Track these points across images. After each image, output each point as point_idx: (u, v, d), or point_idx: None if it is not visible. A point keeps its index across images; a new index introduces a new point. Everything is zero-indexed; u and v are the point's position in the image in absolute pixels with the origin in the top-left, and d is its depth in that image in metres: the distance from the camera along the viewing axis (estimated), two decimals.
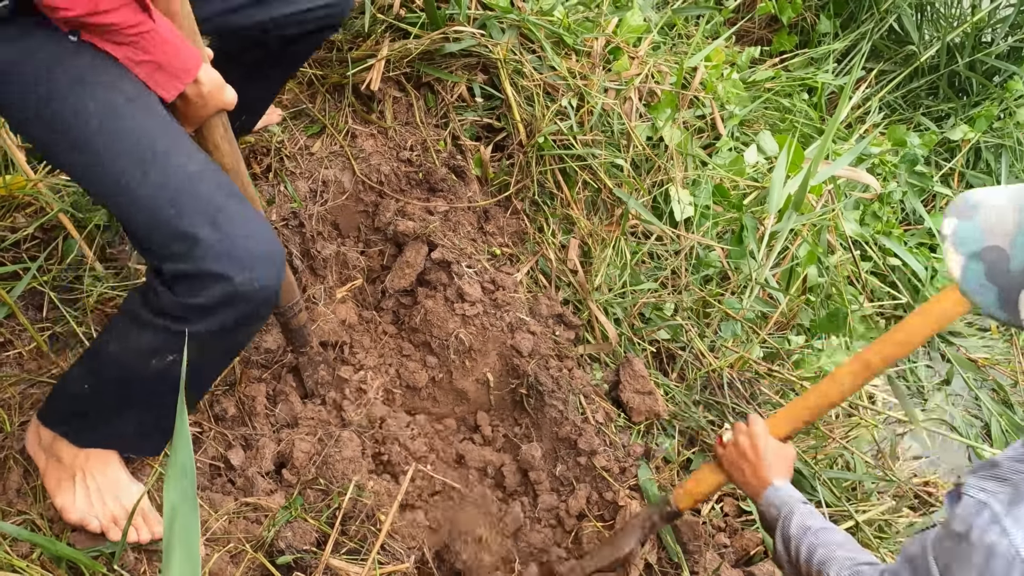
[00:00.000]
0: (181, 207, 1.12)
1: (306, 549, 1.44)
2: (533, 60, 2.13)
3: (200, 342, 1.18)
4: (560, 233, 2.10)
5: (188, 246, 1.11)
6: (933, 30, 3.42)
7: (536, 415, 1.82)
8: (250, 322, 1.21)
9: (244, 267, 1.13)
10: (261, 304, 1.18)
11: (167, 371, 1.22)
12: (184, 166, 1.14)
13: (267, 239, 1.18)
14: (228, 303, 1.14)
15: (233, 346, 1.28)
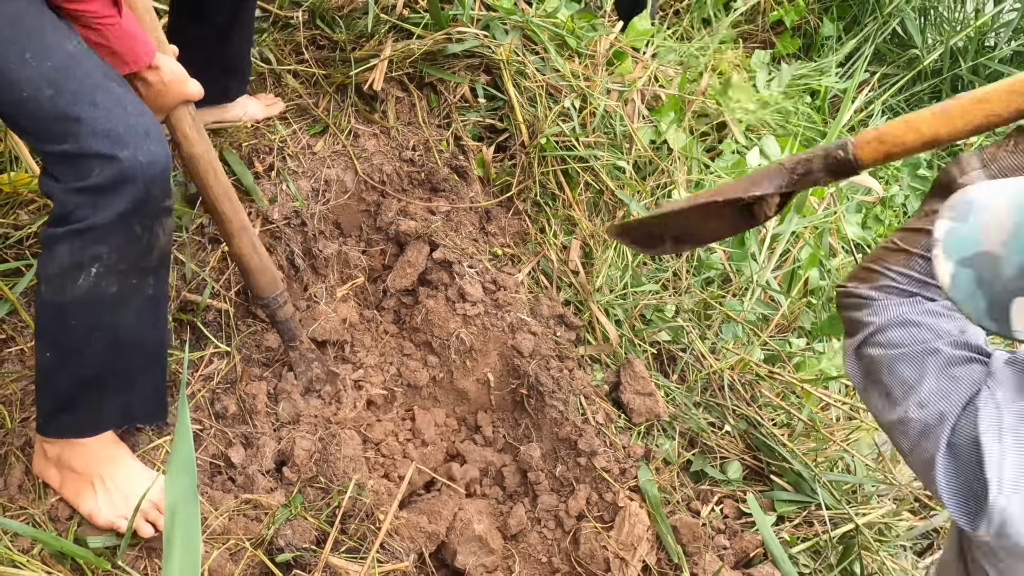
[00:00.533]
0: (60, 86, 1.14)
1: (306, 547, 1.44)
2: (536, 61, 2.13)
3: (108, 240, 1.19)
4: (562, 234, 2.10)
5: (69, 125, 1.14)
6: (936, 34, 3.42)
7: (536, 415, 1.82)
8: (150, 208, 1.21)
9: (127, 143, 1.16)
10: (150, 182, 1.19)
11: (101, 294, 1.22)
12: (62, 45, 1.16)
13: (148, 117, 1.20)
14: (117, 183, 1.16)
15: (145, 244, 1.25)
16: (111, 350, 1.29)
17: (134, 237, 1.22)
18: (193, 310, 1.69)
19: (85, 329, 1.25)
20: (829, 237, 2.52)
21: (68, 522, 1.39)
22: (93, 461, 1.36)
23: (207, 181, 1.50)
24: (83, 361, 1.28)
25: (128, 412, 1.38)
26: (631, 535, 1.63)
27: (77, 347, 1.27)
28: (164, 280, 1.34)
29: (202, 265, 1.74)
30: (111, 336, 1.27)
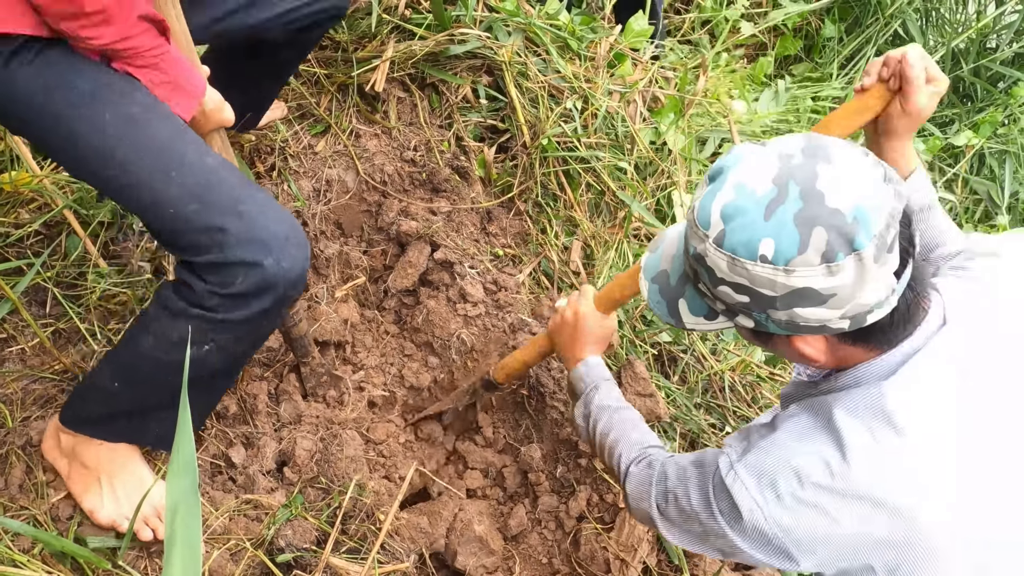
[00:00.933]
0: (206, 202, 1.17)
1: (306, 548, 1.44)
2: (537, 63, 2.13)
3: (235, 330, 1.22)
4: (563, 235, 2.10)
5: (216, 238, 1.16)
6: (938, 35, 3.42)
7: (537, 416, 1.82)
8: (282, 305, 1.25)
9: (272, 251, 1.18)
10: (290, 286, 1.22)
11: (205, 363, 1.25)
12: (203, 163, 1.19)
13: (289, 222, 1.23)
14: (261, 289, 1.19)
15: (265, 332, 1.32)
16: (176, 394, 1.29)
17: (259, 329, 1.27)
18: None
19: (169, 383, 1.27)
20: None
21: (69, 522, 1.39)
22: (104, 459, 1.37)
23: None
24: (156, 399, 1.31)
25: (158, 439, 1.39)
26: (631, 536, 1.63)
27: (159, 392, 1.29)
28: (253, 352, 1.39)
29: None
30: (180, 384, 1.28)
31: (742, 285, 0.93)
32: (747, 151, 0.96)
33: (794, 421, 1.03)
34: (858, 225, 0.87)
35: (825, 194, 0.88)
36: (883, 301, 0.92)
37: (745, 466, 1.02)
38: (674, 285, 1.09)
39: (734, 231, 0.92)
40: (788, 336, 0.98)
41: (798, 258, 0.89)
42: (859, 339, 0.98)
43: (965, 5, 3.45)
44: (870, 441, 0.96)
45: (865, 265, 0.88)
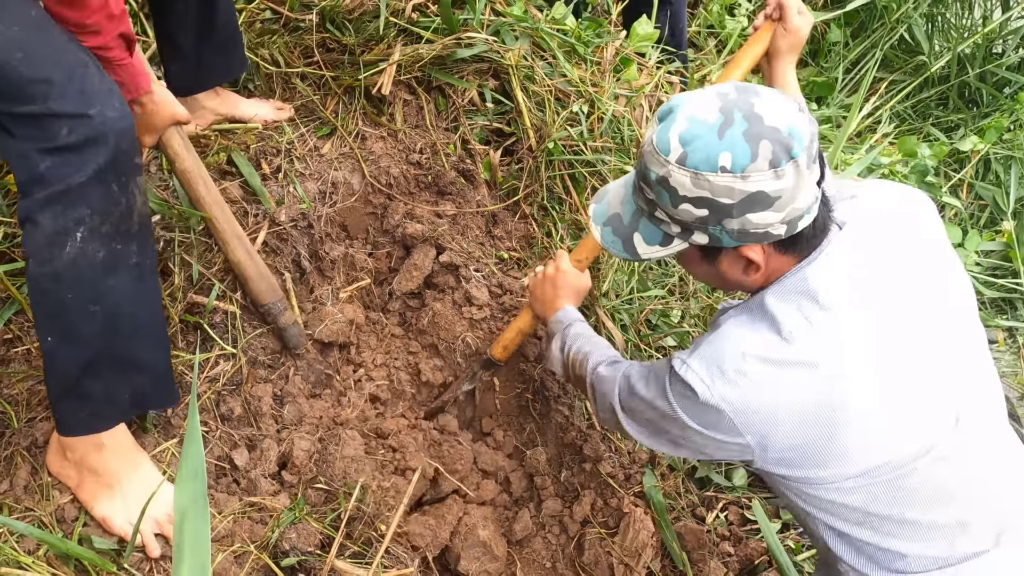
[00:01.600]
0: (29, 50, 1.20)
1: (310, 551, 1.44)
2: (544, 67, 2.13)
3: (87, 201, 1.22)
4: (568, 238, 2.10)
5: (39, 87, 1.19)
6: (944, 41, 3.41)
7: (541, 420, 1.82)
8: (122, 165, 1.25)
9: (95, 102, 1.21)
10: (120, 137, 1.24)
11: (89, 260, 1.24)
12: (27, 11, 1.22)
13: (107, 79, 1.27)
14: (89, 140, 1.20)
15: (131, 214, 1.29)
16: (107, 324, 1.30)
17: (112, 197, 1.25)
18: (200, 312, 1.69)
19: (79, 302, 1.27)
20: None
21: (74, 523, 1.39)
22: (114, 466, 1.37)
23: (198, 193, 1.62)
24: (82, 338, 1.29)
25: (137, 397, 1.38)
26: (636, 541, 1.63)
27: (74, 323, 1.28)
28: (149, 248, 1.36)
29: (208, 267, 1.74)
30: (105, 309, 1.29)
31: (703, 198, 1.09)
32: (688, 95, 1.14)
33: (734, 318, 1.20)
34: (792, 139, 1.06)
35: (763, 116, 1.07)
36: (811, 206, 1.11)
37: (695, 357, 1.18)
38: (627, 223, 1.23)
39: (695, 151, 1.08)
40: (736, 247, 1.13)
41: (751, 165, 1.06)
42: (789, 247, 1.14)
43: (971, 10, 3.44)
44: (799, 317, 1.13)
45: (800, 170, 1.07)
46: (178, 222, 1.72)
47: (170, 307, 1.65)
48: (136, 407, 1.40)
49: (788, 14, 1.58)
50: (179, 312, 1.67)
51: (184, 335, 1.67)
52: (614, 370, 1.38)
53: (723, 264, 1.18)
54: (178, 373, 1.61)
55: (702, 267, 1.21)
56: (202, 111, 1.89)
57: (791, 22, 1.58)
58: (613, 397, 1.34)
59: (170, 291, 1.68)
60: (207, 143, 1.89)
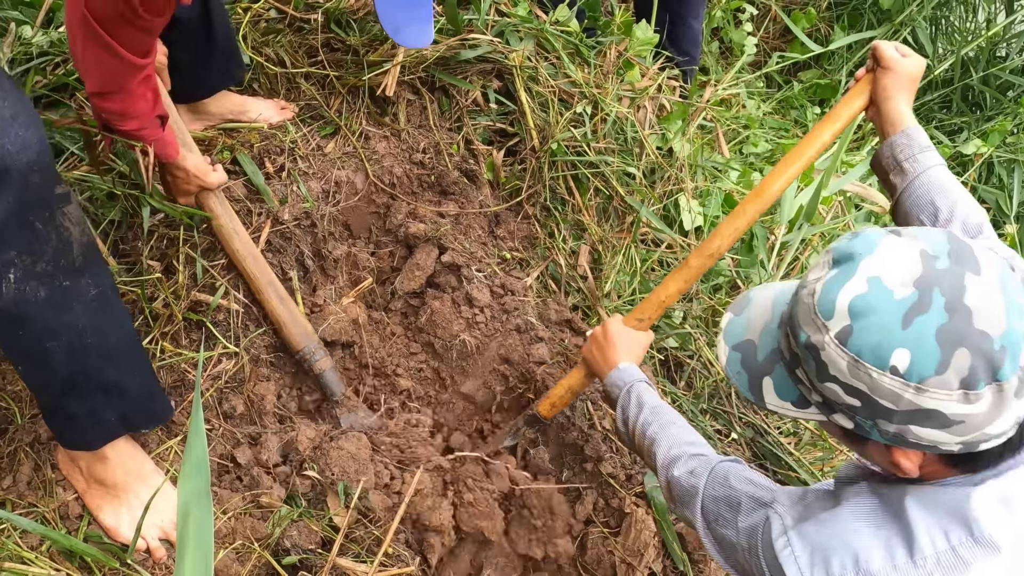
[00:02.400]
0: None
1: (311, 549, 1.44)
2: (548, 68, 2.13)
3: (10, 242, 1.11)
4: (571, 239, 2.10)
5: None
6: (947, 44, 3.41)
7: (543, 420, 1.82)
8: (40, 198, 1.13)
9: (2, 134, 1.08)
10: (29, 170, 1.10)
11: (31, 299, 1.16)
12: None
13: (13, 99, 1.12)
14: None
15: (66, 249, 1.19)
16: (73, 355, 1.25)
17: (38, 234, 1.15)
18: (203, 310, 1.70)
19: (34, 337, 1.21)
20: None
21: (78, 520, 1.40)
22: (120, 477, 1.37)
23: (233, 246, 1.71)
24: (51, 367, 1.25)
25: (127, 418, 1.38)
26: (638, 541, 1.63)
27: (39, 356, 1.23)
28: (104, 277, 1.27)
29: (212, 265, 1.74)
30: (67, 341, 1.23)
31: (858, 390, 0.85)
32: (882, 239, 0.87)
33: (860, 500, 0.96)
34: (1005, 354, 0.80)
35: (973, 312, 0.81)
36: (1005, 432, 0.85)
37: (800, 535, 0.96)
38: (762, 361, 0.99)
39: (863, 331, 0.83)
40: (887, 445, 0.91)
41: (934, 378, 0.81)
42: (961, 461, 0.90)
43: (975, 13, 3.44)
44: (943, 544, 0.88)
45: (1004, 397, 0.82)
46: (182, 220, 1.73)
47: (174, 304, 1.66)
48: (127, 427, 1.38)
49: (888, 62, 1.36)
50: (182, 310, 1.67)
51: (187, 332, 1.68)
52: (694, 481, 1.18)
53: (868, 448, 0.95)
54: (180, 371, 1.62)
55: (847, 441, 0.97)
56: (207, 114, 1.90)
57: (886, 57, 1.37)
58: (693, 513, 1.17)
59: (174, 289, 1.69)
60: (211, 142, 1.90)
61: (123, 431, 1.38)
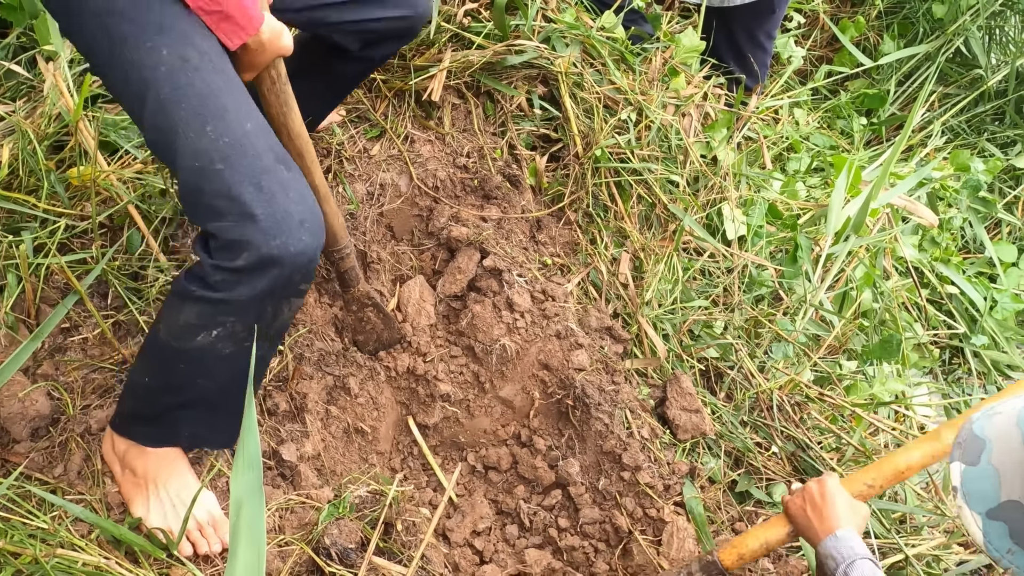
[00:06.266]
0: (231, 163, 1.15)
1: (352, 547, 1.46)
2: (593, 74, 2.13)
3: (239, 313, 1.21)
4: (612, 246, 2.09)
5: (231, 206, 1.15)
6: (1002, 54, 3.33)
7: (581, 427, 1.81)
8: (286, 291, 1.23)
9: (280, 232, 1.16)
10: (295, 271, 1.19)
11: (216, 351, 1.24)
12: (242, 124, 1.18)
13: (309, 206, 1.20)
14: (264, 267, 1.17)
15: (272, 320, 1.29)
16: (208, 392, 1.33)
17: (263, 314, 1.25)
18: None
19: (191, 373, 1.29)
20: (884, 258, 2.47)
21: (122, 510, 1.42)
22: (152, 468, 1.39)
23: (281, 139, 1.48)
24: (179, 394, 1.33)
25: (197, 441, 1.42)
26: (682, 550, 1.61)
27: (179, 384, 1.31)
28: (275, 348, 1.38)
29: None
30: (212, 383, 1.31)
31: None
32: None
33: None
34: None
35: None
36: None
37: None
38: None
39: None
40: None
41: None
42: None
43: None
44: None
45: None
46: None
47: None
48: (188, 445, 1.43)
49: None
50: None
51: None
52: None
53: None
54: None
55: None
56: None
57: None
58: None
59: None
60: None
61: (183, 446, 1.42)
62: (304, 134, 1.50)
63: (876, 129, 3.15)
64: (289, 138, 1.49)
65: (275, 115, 1.45)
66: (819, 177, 2.60)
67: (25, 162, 1.74)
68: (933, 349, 2.53)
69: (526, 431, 1.86)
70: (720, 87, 2.46)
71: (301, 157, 1.52)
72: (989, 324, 2.64)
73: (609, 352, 1.91)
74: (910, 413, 2.19)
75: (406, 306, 1.87)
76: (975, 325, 2.64)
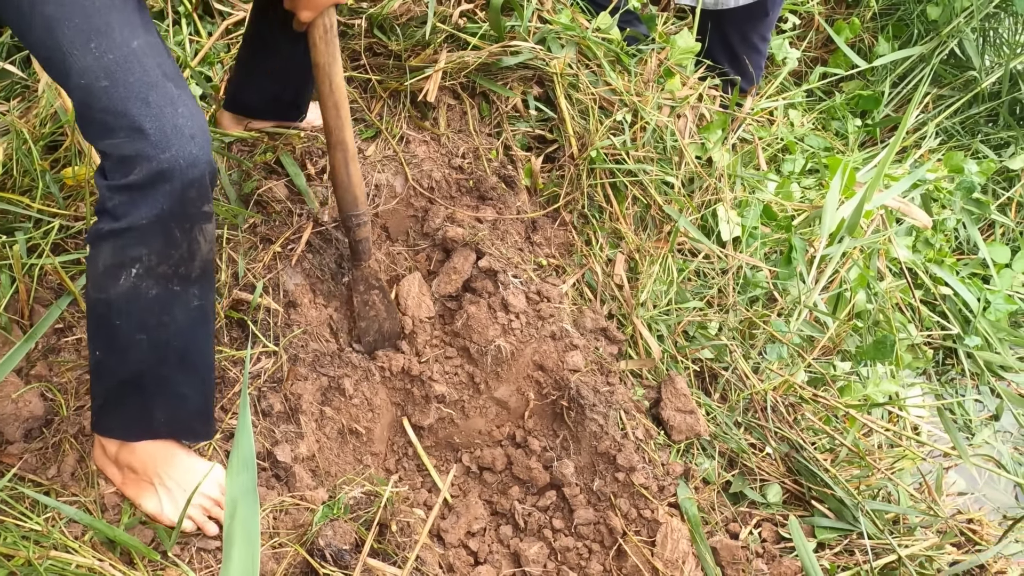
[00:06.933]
0: (115, 79, 1.15)
1: (346, 549, 1.46)
2: (588, 75, 2.14)
3: (146, 242, 1.20)
4: (607, 247, 2.09)
5: (117, 120, 1.15)
6: (996, 56, 3.35)
7: (576, 428, 1.81)
8: (187, 211, 1.21)
9: (170, 144, 1.16)
10: (188, 185, 1.19)
11: (142, 295, 1.23)
12: (127, 42, 1.17)
13: (197, 122, 1.20)
14: (155, 182, 1.16)
15: (192, 260, 1.27)
16: (155, 353, 1.31)
17: (173, 241, 1.23)
18: (244, 309, 1.73)
19: (128, 329, 1.28)
20: (878, 259, 2.48)
21: (114, 511, 1.42)
22: (150, 461, 1.39)
23: (322, 90, 1.54)
24: (127, 360, 1.31)
25: (173, 425, 1.40)
26: (676, 551, 1.62)
27: (122, 346, 1.30)
28: (209, 293, 1.34)
29: (254, 264, 1.77)
30: (154, 339, 1.29)
31: None
32: None
33: None
34: None
35: None
36: None
37: None
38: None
39: None
40: None
41: None
42: None
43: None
44: None
45: None
46: (226, 219, 1.76)
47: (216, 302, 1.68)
48: (169, 433, 1.41)
49: None
50: (224, 308, 1.70)
51: (228, 331, 1.71)
52: None
53: None
54: (222, 368, 1.64)
55: None
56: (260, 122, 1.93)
57: None
58: None
59: (216, 287, 1.72)
60: (254, 143, 1.93)
61: (164, 435, 1.41)
62: (344, 87, 1.54)
63: (870, 131, 3.16)
64: (330, 89, 1.52)
65: (322, 63, 1.49)
66: (814, 178, 2.61)
67: (19, 162, 1.74)
68: (927, 350, 2.55)
69: (521, 432, 1.86)
70: (715, 88, 2.47)
71: (338, 109, 1.55)
72: (982, 325, 2.65)
73: (604, 353, 1.92)
74: (904, 414, 2.20)
75: (405, 299, 1.87)
76: (968, 326, 2.65)
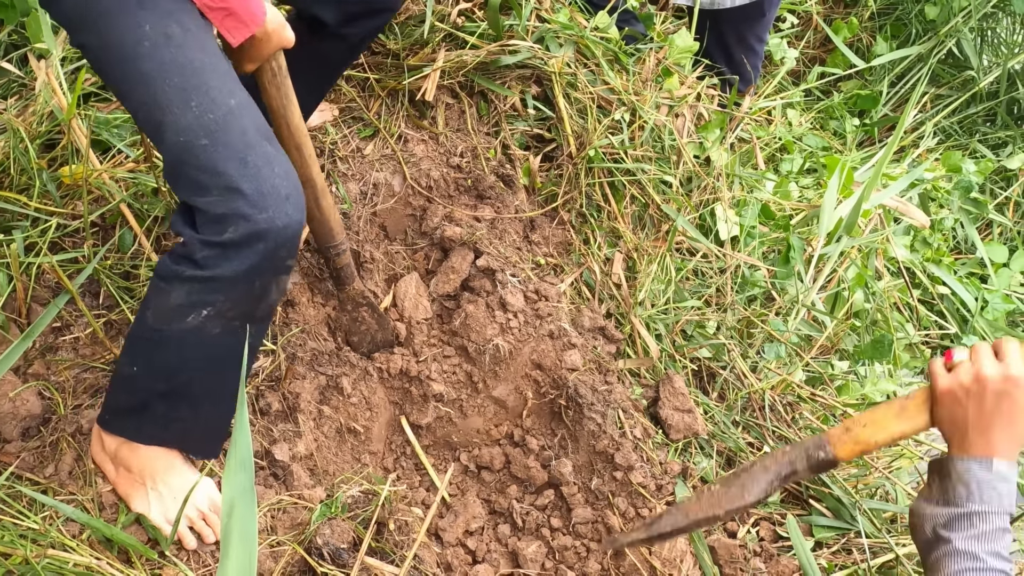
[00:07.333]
0: (216, 140, 1.16)
1: (344, 548, 1.46)
2: (587, 74, 2.14)
3: (226, 291, 1.21)
4: (606, 246, 2.09)
5: (217, 181, 1.16)
6: (993, 56, 3.35)
7: (574, 427, 1.82)
8: (274, 266, 1.23)
9: (267, 205, 1.17)
10: (282, 244, 1.20)
11: (203, 333, 1.24)
12: (226, 101, 1.18)
13: (293, 182, 1.22)
14: (251, 241, 1.18)
15: (261, 304, 1.29)
16: (194, 378, 1.32)
17: (251, 291, 1.25)
18: None
19: (177, 359, 1.29)
20: (876, 259, 2.48)
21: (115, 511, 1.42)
22: (148, 465, 1.39)
23: (280, 133, 1.52)
24: (166, 380, 1.32)
25: (186, 439, 1.41)
26: (674, 550, 1.62)
27: (164, 370, 1.31)
28: (263, 333, 1.37)
29: None
30: (199, 368, 1.31)
31: None
32: None
33: None
34: None
35: None
36: None
37: None
38: None
39: None
40: None
41: None
42: None
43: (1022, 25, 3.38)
44: None
45: None
46: None
47: None
48: (178, 444, 1.42)
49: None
50: None
51: None
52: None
53: None
54: None
55: None
56: None
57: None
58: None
59: None
60: None
61: (172, 445, 1.41)
62: (302, 127, 1.51)
63: (868, 130, 3.17)
64: (288, 131, 1.50)
65: (275, 107, 1.46)
66: (812, 178, 2.62)
67: (17, 160, 1.73)
68: (924, 349, 2.55)
69: (519, 431, 1.86)
70: (713, 87, 2.47)
71: (300, 150, 1.53)
72: (980, 324, 2.65)
73: (602, 352, 1.92)
74: None
75: (402, 300, 1.87)
76: (966, 325, 2.66)
